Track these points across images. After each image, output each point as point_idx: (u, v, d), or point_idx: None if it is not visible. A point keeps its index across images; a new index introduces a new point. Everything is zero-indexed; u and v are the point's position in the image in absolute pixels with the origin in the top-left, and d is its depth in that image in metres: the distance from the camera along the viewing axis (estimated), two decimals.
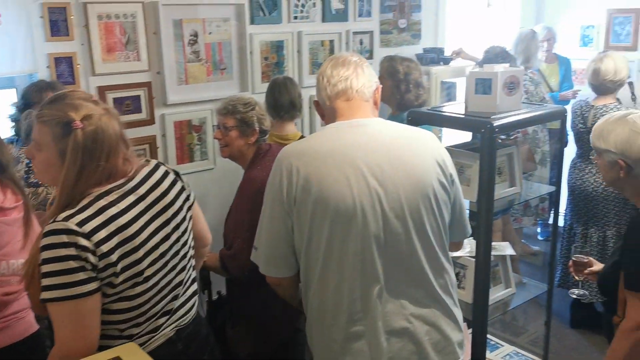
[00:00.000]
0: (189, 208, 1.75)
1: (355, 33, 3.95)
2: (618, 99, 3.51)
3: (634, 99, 3.91)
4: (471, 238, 2.34)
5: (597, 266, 2.24)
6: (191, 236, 1.76)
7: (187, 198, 1.75)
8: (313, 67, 3.79)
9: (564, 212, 3.79)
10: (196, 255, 1.84)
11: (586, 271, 2.25)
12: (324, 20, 3.79)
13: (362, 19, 3.99)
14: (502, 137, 2.57)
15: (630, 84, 3.97)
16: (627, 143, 1.89)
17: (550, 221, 4.59)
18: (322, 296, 1.66)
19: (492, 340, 2.91)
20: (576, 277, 2.29)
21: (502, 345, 2.92)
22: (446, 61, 4.21)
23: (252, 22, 3.47)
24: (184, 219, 1.70)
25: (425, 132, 1.80)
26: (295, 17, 3.66)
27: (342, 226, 1.59)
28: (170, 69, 3.18)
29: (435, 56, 4.19)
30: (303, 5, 3.68)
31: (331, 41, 3.84)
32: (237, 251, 2.44)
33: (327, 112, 1.77)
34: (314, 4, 3.73)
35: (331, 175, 1.59)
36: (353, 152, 1.62)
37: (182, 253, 1.68)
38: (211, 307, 2.74)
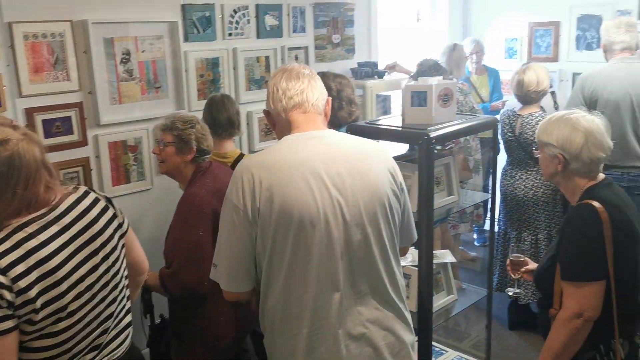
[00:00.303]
0: (122, 236, 1.69)
1: (290, 49, 3.97)
2: (542, 107, 3.68)
3: (556, 107, 4.12)
4: (413, 247, 2.40)
5: (532, 265, 2.35)
6: (124, 265, 1.69)
7: (120, 226, 1.68)
8: (250, 83, 3.78)
9: (498, 217, 3.92)
10: (131, 284, 1.78)
11: (522, 269, 2.35)
12: (258, 36, 3.80)
13: (296, 34, 4.02)
14: (438, 147, 2.65)
15: (553, 93, 4.18)
16: (567, 139, 2.00)
17: (486, 227, 4.76)
18: (285, 306, 1.67)
19: (436, 346, 2.97)
20: (513, 276, 2.39)
21: (447, 351, 2.98)
22: (380, 75, 4.30)
23: (186, 39, 3.43)
24: (114, 248, 1.63)
25: (375, 142, 1.87)
26: (230, 34, 3.64)
27: (306, 235, 1.61)
28: (103, 89, 3.10)
29: (370, 70, 4.27)
30: (237, 22, 3.68)
31: (267, 57, 3.85)
32: (176, 269, 2.40)
33: (282, 123, 1.78)
34: (248, 21, 3.73)
35: (296, 186, 1.61)
36: (314, 163, 1.65)
37: (112, 284, 1.62)
38: (154, 332, 2.67)
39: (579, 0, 4.87)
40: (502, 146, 3.86)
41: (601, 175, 2.05)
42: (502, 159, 3.89)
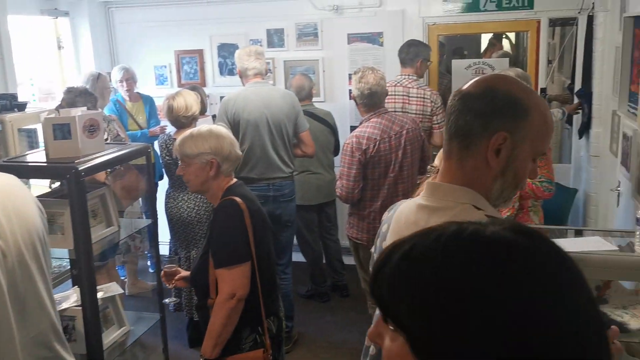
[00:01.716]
0: None
1: None
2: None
3: None
4: (76, 287, 2.28)
5: (185, 273, 2.52)
6: None
7: None
8: None
9: (169, 240, 3.98)
10: None
11: (176, 278, 2.49)
12: None
13: None
14: (109, 170, 2.60)
15: (214, 116, 4.46)
16: (218, 145, 2.28)
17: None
18: None
19: None
20: (168, 286, 2.55)
21: None
22: (21, 107, 3.95)
23: None
24: None
25: (11, 176, 1.74)
26: None
27: None
28: None
29: (8, 103, 3.88)
30: None
31: None
32: None
33: None
34: None
35: None
36: None
37: None
38: None
39: (217, 30, 5.29)
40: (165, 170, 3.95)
41: (234, 178, 2.39)
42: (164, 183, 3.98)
